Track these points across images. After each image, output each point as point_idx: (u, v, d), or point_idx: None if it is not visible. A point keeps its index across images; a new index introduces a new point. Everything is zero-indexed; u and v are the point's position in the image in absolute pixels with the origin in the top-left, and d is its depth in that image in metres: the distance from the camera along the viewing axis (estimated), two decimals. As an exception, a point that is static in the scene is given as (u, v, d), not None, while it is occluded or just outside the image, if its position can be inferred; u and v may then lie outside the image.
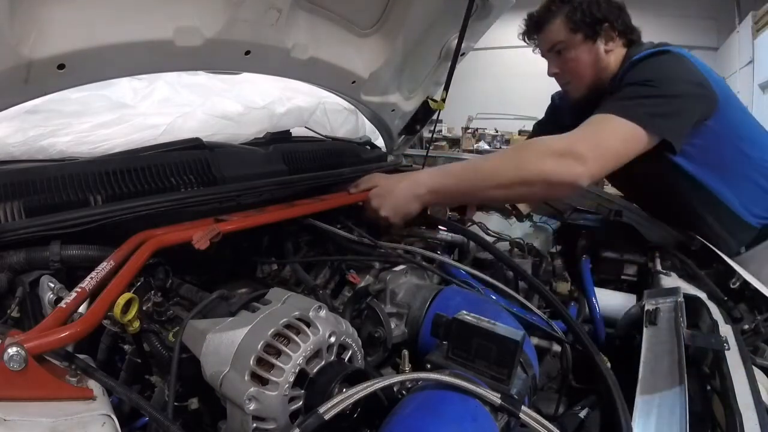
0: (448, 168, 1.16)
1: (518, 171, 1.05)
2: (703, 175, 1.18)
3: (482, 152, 6.21)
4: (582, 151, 1.01)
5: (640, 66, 1.14)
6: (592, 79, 1.27)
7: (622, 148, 1.05)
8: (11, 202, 0.78)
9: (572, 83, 1.32)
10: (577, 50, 1.25)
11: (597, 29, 1.22)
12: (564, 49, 1.27)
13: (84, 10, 0.77)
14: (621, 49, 1.26)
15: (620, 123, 1.04)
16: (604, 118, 1.06)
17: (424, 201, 1.13)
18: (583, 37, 1.23)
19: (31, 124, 1.03)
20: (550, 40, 1.28)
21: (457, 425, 0.53)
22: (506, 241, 1.32)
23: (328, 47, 1.19)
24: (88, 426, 0.46)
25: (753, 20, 5.38)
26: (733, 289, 1.07)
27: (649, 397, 0.64)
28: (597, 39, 1.23)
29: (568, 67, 1.29)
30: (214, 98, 1.36)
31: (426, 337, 0.82)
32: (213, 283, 0.89)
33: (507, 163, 1.08)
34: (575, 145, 1.02)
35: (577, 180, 1.02)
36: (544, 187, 1.06)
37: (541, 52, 1.35)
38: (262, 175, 1.13)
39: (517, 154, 1.10)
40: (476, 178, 1.09)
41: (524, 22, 1.33)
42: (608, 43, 1.24)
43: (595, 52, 1.24)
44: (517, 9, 1.47)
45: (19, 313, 0.70)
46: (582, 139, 1.04)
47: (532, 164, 1.04)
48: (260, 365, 0.57)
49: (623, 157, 1.06)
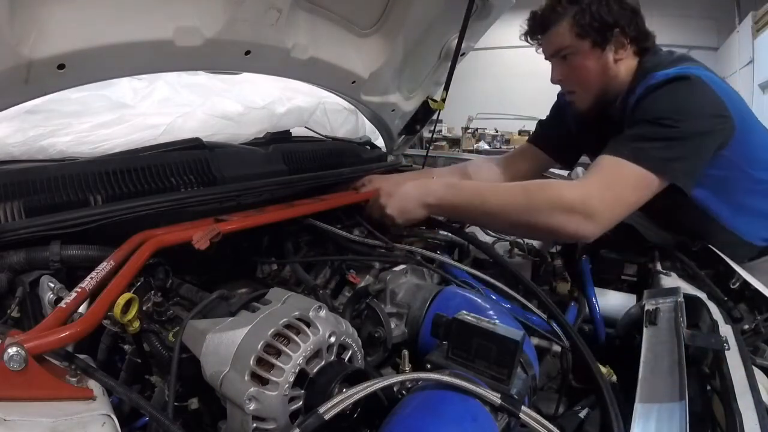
0: (461, 186, 1.13)
1: (525, 216, 1.02)
2: (711, 202, 1.13)
3: (482, 152, 6.20)
4: (594, 208, 0.98)
5: (657, 96, 1.05)
6: (600, 90, 1.19)
7: (633, 198, 1.01)
8: (11, 202, 0.78)
9: (577, 93, 1.23)
10: (584, 58, 1.15)
11: (607, 35, 1.11)
12: (570, 55, 1.17)
13: (84, 10, 0.77)
14: (632, 58, 1.16)
15: (634, 170, 0.99)
16: (618, 164, 1.00)
17: (431, 210, 1.12)
18: (591, 43, 1.13)
19: (31, 124, 1.03)
20: (554, 44, 1.18)
21: (457, 425, 0.53)
22: (506, 242, 1.32)
23: (328, 47, 1.19)
24: (88, 426, 0.46)
25: (753, 20, 5.39)
26: (733, 289, 1.07)
27: (649, 398, 0.64)
28: (606, 46, 1.13)
29: (574, 75, 1.19)
30: (214, 98, 1.36)
31: (426, 337, 0.82)
32: (213, 283, 0.89)
33: (516, 204, 1.03)
34: (588, 201, 0.98)
35: (584, 237, 1.01)
36: (548, 236, 1.04)
37: (545, 56, 1.25)
38: (262, 175, 1.13)
39: (528, 198, 1.03)
40: (482, 209, 1.07)
41: (527, 21, 1.23)
42: (618, 51, 1.13)
43: (604, 61, 1.14)
44: (518, 9, 1.47)
45: (19, 313, 0.70)
46: (595, 192, 0.99)
47: (541, 213, 1.00)
48: (260, 365, 0.57)
49: (634, 206, 1.02)
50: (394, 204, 1.11)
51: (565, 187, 1.02)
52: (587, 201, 0.98)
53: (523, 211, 1.02)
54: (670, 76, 1.05)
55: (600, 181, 1.01)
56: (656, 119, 1.02)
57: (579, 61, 1.16)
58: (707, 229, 1.21)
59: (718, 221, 1.17)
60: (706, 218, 1.17)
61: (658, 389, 0.66)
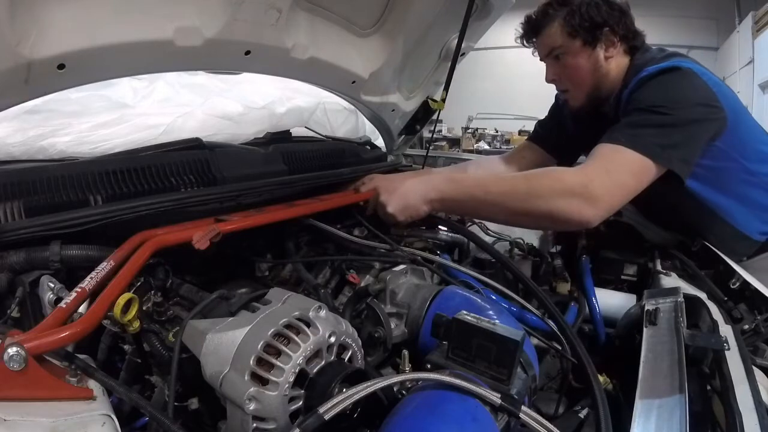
0: (462, 179, 1.13)
1: (526, 203, 1.02)
2: (708, 194, 1.15)
3: (482, 152, 6.20)
4: (595, 192, 0.99)
5: (650, 86, 1.09)
6: (592, 87, 1.23)
7: (633, 184, 1.02)
8: (11, 202, 0.78)
9: (571, 92, 1.28)
10: (575, 57, 1.20)
11: (597, 34, 1.17)
12: (562, 55, 1.22)
13: (84, 10, 0.77)
14: (623, 56, 1.21)
15: (631, 156, 1.01)
16: (615, 151, 1.02)
17: (434, 206, 1.12)
18: (582, 42, 1.18)
19: (31, 124, 1.03)
20: (547, 44, 1.24)
21: (457, 425, 0.53)
22: (506, 241, 1.32)
23: (328, 47, 1.19)
24: (88, 426, 0.46)
25: (753, 20, 5.39)
26: (733, 289, 1.07)
27: (649, 397, 0.64)
28: (597, 45, 1.18)
29: (567, 73, 1.24)
30: (214, 98, 1.36)
31: (426, 337, 0.82)
32: (213, 283, 0.89)
33: (518, 191, 1.04)
34: (589, 185, 0.99)
35: (586, 222, 1.01)
36: (549, 223, 1.04)
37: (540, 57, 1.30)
38: (262, 175, 1.13)
39: (529, 185, 1.04)
40: (484, 199, 1.06)
41: (521, 25, 1.28)
42: (609, 49, 1.18)
43: (595, 59, 1.19)
44: (518, 9, 1.47)
45: (19, 313, 0.70)
46: (596, 177, 1.00)
47: (542, 199, 1.00)
48: (260, 365, 0.57)
49: (634, 192, 1.03)
50: (396, 202, 1.10)
51: (566, 173, 1.03)
52: (588, 185, 0.99)
53: (524, 198, 1.02)
54: (662, 68, 1.09)
55: (600, 167, 1.02)
56: (650, 107, 1.05)
57: (571, 59, 1.21)
58: (705, 223, 1.22)
59: (716, 213, 1.18)
60: (704, 211, 1.18)
61: (658, 389, 0.66)
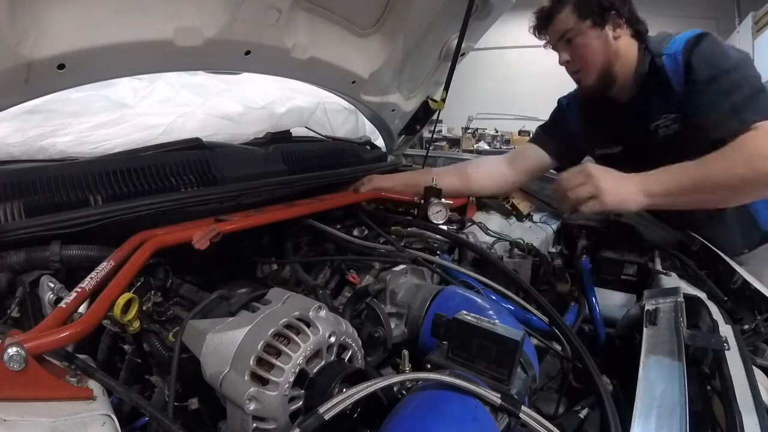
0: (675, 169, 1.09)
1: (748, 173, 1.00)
2: None
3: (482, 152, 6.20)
4: None
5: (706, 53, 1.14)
6: (603, 65, 1.29)
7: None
8: (11, 202, 0.78)
9: (583, 70, 1.34)
10: (586, 37, 1.28)
11: (605, 16, 1.26)
12: (573, 37, 1.29)
13: (84, 10, 0.77)
14: (630, 39, 1.28)
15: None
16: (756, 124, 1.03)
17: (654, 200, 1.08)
18: (592, 23, 1.26)
19: (31, 124, 1.03)
20: (559, 29, 1.31)
21: (457, 425, 0.53)
22: (507, 241, 1.32)
23: (328, 47, 1.19)
24: (88, 426, 0.46)
25: (753, 20, 5.38)
26: (733, 289, 1.07)
27: (649, 398, 0.64)
28: (605, 25, 1.26)
29: (579, 53, 1.31)
30: (214, 98, 1.36)
31: (426, 337, 0.82)
32: (213, 283, 0.89)
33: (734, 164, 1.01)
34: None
35: None
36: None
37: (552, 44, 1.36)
38: (262, 175, 1.13)
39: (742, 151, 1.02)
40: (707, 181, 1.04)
41: (534, 16, 1.36)
42: (616, 29, 1.27)
43: (604, 38, 1.27)
44: (518, 9, 1.47)
45: (19, 313, 0.70)
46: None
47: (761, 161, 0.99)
48: (260, 365, 0.57)
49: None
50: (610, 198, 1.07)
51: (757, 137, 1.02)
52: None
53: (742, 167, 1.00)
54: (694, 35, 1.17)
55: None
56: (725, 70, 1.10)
57: (582, 40, 1.29)
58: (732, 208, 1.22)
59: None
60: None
61: (658, 389, 0.66)
